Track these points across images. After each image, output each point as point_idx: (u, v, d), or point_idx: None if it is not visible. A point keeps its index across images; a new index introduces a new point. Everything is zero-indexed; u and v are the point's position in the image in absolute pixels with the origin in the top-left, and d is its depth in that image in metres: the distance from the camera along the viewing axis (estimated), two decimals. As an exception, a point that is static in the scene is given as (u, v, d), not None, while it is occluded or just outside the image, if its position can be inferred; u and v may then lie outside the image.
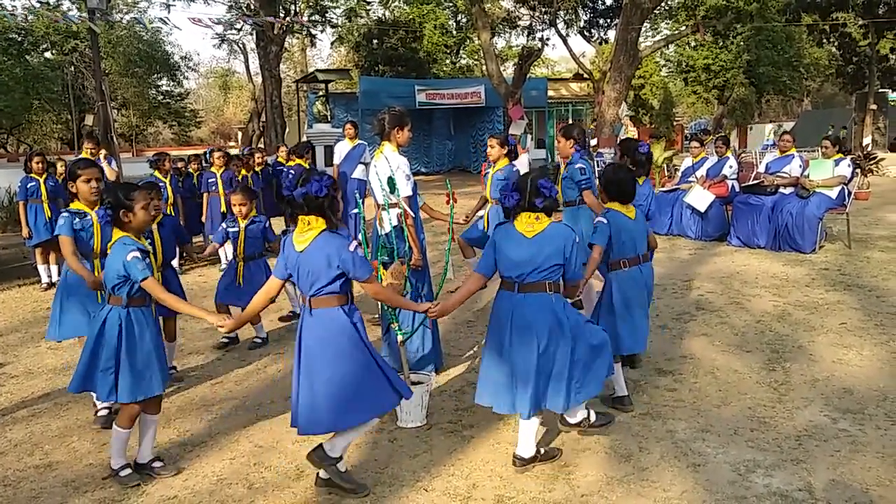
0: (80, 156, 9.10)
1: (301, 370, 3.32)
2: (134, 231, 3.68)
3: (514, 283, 3.54)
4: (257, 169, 10.92)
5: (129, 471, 3.69)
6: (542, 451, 3.75)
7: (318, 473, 3.54)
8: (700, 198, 9.72)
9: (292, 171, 10.45)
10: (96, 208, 4.35)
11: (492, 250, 3.62)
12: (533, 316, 3.48)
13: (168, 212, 9.11)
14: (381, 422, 4.34)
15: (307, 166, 10.33)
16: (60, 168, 9.66)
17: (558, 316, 3.50)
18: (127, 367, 3.56)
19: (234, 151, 13.13)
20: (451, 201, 5.29)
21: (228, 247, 6.54)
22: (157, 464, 3.78)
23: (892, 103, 29.18)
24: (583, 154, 6.03)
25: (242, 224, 6.03)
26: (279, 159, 11.85)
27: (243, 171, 10.15)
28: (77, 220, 4.36)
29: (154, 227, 5.06)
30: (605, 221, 4.19)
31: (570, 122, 27.17)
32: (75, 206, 4.43)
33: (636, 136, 18.29)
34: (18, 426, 4.51)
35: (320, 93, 22.65)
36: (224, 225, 6.18)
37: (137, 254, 3.52)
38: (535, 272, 3.48)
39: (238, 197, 6.09)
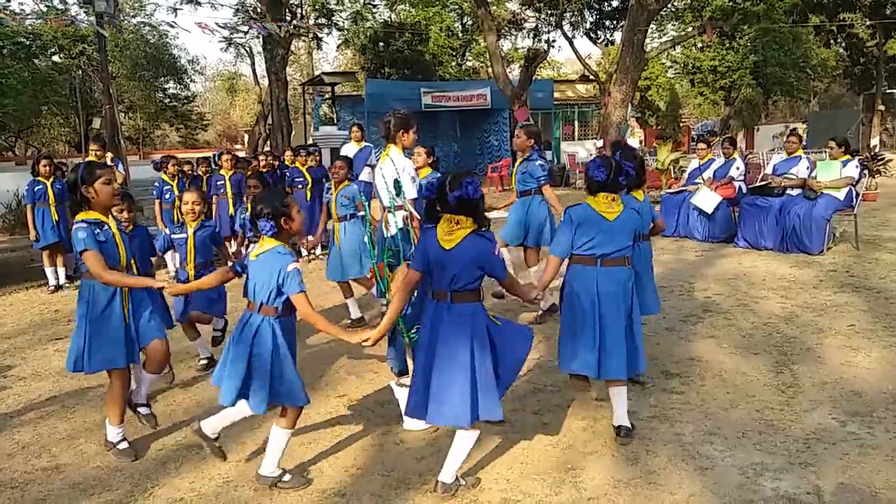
0: (88, 159, 9.12)
1: (439, 361, 3.41)
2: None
3: (596, 258, 3.88)
4: (263, 171, 10.94)
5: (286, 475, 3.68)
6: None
7: None
8: (707, 199, 9.70)
9: (286, 172, 10.50)
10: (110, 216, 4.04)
11: (570, 230, 3.94)
12: (617, 287, 3.88)
13: (175, 215, 9.18)
14: (387, 424, 4.34)
15: (302, 168, 10.33)
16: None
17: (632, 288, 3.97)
18: (282, 375, 3.51)
19: (241, 154, 13.15)
20: None
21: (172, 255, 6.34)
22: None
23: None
24: (541, 152, 6.50)
25: (191, 230, 5.48)
26: (286, 161, 11.87)
27: (249, 173, 10.16)
28: (98, 231, 3.80)
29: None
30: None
31: (577, 124, 27.19)
32: (88, 215, 3.82)
33: (642, 138, 18.31)
34: (26, 428, 4.52)
35: (326, 95, 22.71)
36: (167, 231, 5.60)
37: (297, 265, 3.46)
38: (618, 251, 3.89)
39: (192, 195, 5.53)
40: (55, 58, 29.04)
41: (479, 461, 3.83)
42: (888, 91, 28.42)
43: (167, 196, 9.32)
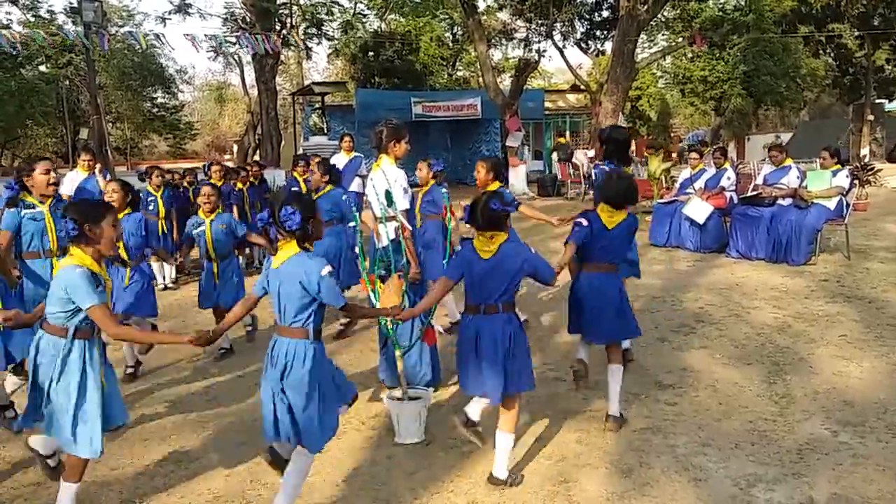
0: (77, 169, 9.07)
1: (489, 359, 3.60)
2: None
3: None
4: (253, 181, 10.88)
5: None
6: None
7: None
8: (699, 209, 9.71)
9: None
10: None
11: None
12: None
13: (160, 226, 9.10)
14: (379, 437, 4.31)
15: (300, 178, 10.30)
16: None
17: None
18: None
19: (230, 164, 13.10)
20: (448, 215, 5.27)
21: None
22: None
23: (889, 114, 29.32)
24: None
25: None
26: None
27: (240, 185, 10.12)
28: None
29: None
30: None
31: (568, 133, 27.24)
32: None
33: (633, 149, 18.36)
34: (14, 443, 4.45)
35: (316, 105, 22.67)
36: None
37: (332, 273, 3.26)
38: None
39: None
40: (42, 67, 28.95)
41: (473, 474, 3.79)
42: (877, 101, 28.62)
43: (150, 207, 9.19)
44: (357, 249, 4.73)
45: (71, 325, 3.23)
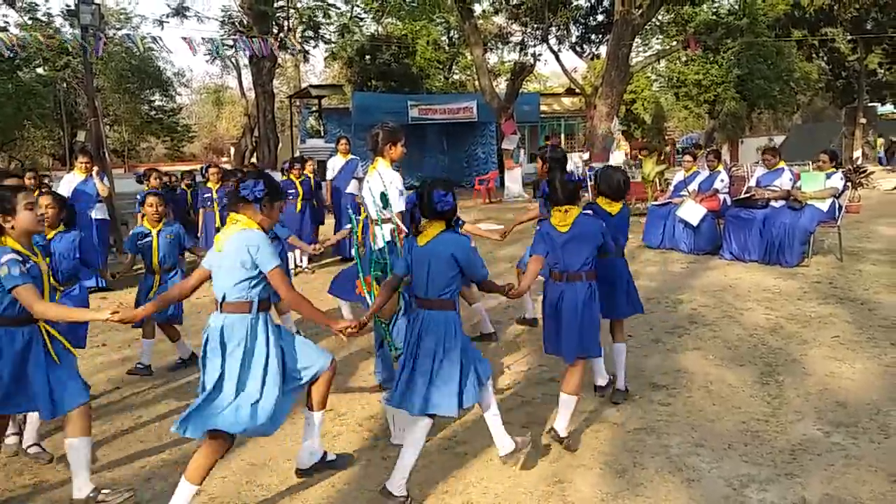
0: (74, 172, 9.08)
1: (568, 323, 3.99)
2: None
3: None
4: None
5: None
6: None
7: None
8: (692, 212, 9.75)
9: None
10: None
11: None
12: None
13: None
14: (375, 438, 4.33)
15: (295, 180, 10.32)
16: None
17: None
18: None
19: (227, 167, 13.11)
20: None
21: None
22: None
23: (882, 117, 29.45)
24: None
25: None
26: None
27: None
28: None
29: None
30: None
31: (563, 137, 27.30)
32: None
33: (628, 151, 18.42)
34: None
35: (313, 108, 22.67)
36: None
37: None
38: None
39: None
40: (39, 70, 28.89)
41: (468, 475, 3.81)
42: (869, 104, 28.75)
43: None
44: (353, 252, 4.75)
45: None
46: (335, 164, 10.33)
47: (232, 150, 39.25)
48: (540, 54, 32.00)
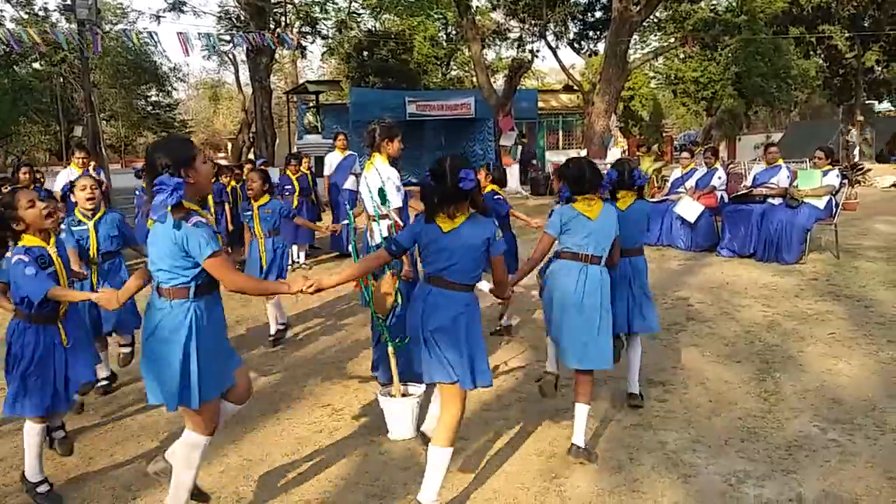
0: (71, 167, 9.06)
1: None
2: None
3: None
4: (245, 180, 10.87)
5: None
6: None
7: None
8: (689, 208, 9.77)
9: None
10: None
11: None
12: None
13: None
14: (372, 434, 4.33)
15: (292, 176, 10.32)
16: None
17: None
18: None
19: (224, 162, 13.07)
20: None
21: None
22: None
23: (879, 114, 29.48)
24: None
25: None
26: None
27: (233, 182, 10.11)
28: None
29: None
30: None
31: (561, 133, 27.29)
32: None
33: (626, 148, 18.43)
34: (4, 440, 4.45)
35: (311, 104, 22.63)
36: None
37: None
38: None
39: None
40: (36, 65, 28.83)
41: (465, 470, 3.81)
42: (867, 102, 28.78)
43: None
44: (350, 248, 4.74)
45: None
46: (333, 161, 10.32)
47: (229, 146, 39.16)
48: (538, 51, 31.99)
